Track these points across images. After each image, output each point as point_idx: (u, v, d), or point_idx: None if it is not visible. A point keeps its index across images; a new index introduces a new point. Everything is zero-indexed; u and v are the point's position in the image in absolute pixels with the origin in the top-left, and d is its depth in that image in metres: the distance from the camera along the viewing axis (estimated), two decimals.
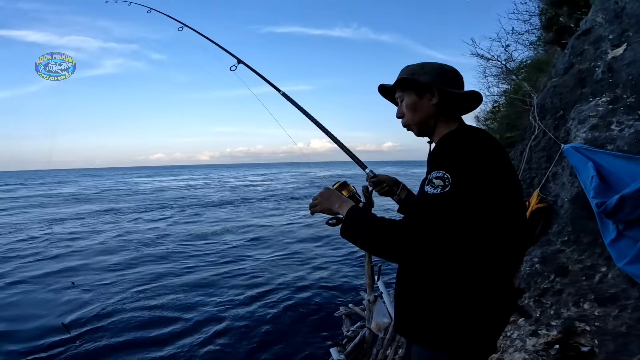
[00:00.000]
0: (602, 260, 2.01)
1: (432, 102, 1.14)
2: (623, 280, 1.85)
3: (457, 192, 0.94)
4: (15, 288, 7.07)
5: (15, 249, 10.11)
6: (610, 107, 2.30)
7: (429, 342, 1.12)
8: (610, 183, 1.87)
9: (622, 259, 1.75)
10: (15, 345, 4.87)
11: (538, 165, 2.93)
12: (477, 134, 1.09)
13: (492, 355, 2.35)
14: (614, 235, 1.82)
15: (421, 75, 1.15)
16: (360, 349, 3.42)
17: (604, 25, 2.71)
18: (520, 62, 7.81)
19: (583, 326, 2.00)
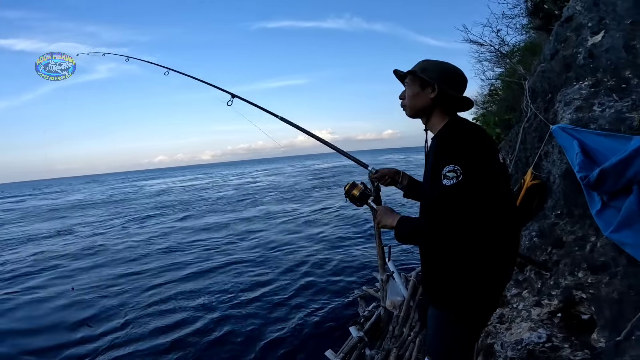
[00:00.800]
0: (592, 230, 2.21)
1: (430, 96, 1.41)
2: (611, 248, 2.05)
3: (467, 180, 1.21)
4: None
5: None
6: (593, 90, 2.50)
7: (438, 304, 1.49)
8: (594, 158, 2.09)
9: (608, 227, 1.96)
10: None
11: (532, 145, 3.14)
12: (470, 128, 1.36)
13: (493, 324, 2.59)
14: (599, 206, 2.04)
15: (430, 72, 1.41)
16: (377, 327, 3.67)
17: (583, 13, 2.90)
18: (513, 46, 7.92)
19: (580, 294, 2.20)
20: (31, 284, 7.89)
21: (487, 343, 2.57)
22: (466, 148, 1.26)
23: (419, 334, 3.18)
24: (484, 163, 1.26)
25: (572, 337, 2.16)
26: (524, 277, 2.72)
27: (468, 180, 1.20)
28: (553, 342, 2.20)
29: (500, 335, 2.53)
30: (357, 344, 3.34)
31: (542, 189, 2.72)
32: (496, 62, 8.58)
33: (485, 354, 2.52)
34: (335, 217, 13.23)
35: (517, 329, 2.48)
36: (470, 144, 1.28)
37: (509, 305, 2.72)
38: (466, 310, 1.42)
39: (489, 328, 2.66)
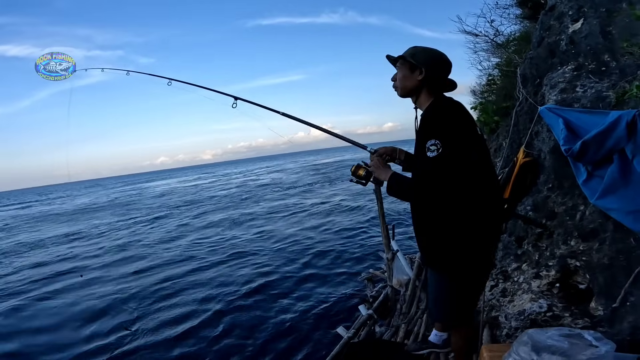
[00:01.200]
0: (580, 200, 2.38)
1: (418, 78, 1.62)
2: (599, 215, 2.20)
3: (445, 151, 1.44)
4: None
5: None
6: (575, 73, 2.70)
7: (436, 267, 1.76)
8: (577, 133, 2.26)
9: (593, 195, 2.12)
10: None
11: (524, 126, 3.33)
12: (451, 106, 1.60)
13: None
14: (585, 176, 2.22)
15: (418, 57, 1.62)
16: (385, 305, 3.87)
17: (564, 2, 3.12)
18: (508, 36, 7.98)
19: (574, 262, 2.32)
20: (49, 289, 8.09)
21: (492, 316, 2.72)
22: (446, 124, 1.49)
23: (425, 311, 3.37)
24: (461, 136, 1.49)
25: (572, 307, 2.26)
26: (522, 250, 2.88)
27: (446, 151, 1.44)
28: (554, 311, 2.32)
29: (504, 308, 2.68)
30: (366, 321, 3.55)
31: (534, 166, 2.91)
32: (492, 52, 8.63)
33: (490, 326, 2.67)
34: (339, 208, 13.47)
35: (519, 300, 2.62)
36: (450, 120, 1.51)
37: (510, 279, 2.87)
38: (459, 268, 1.65)
39: (493, 302, 2.82)
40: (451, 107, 1.58)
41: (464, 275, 1.69)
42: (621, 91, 2.24)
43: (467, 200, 1.53)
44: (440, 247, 1.67)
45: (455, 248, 1.62)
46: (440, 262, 1.72)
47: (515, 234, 3.00)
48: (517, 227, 2.99)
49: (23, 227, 20.97)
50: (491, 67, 8.66)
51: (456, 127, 1.50)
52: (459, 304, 1.79)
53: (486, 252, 1.67)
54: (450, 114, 1.54)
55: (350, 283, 5.75)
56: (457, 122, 1.52)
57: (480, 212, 1.58)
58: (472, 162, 1.52)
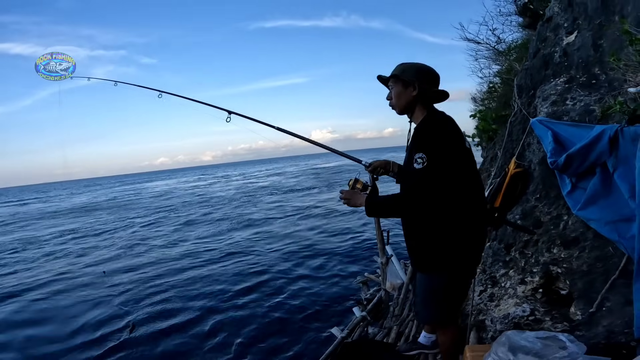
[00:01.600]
0: (564, 210, 2.47)
1: (412, 94, 1.71)
2: (580, 224, 2.29)
3: (430, 165, 1.54)
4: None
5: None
6: (567, 86, 2.78)
7: (424, 269, 1.85)
8: (564, 145, 2.35)
9: (576, 206, 2.23)
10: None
11: (517, 137, 3.41)
12: (441, 120, 1.69)
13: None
14: (569, 187, 2.32)
15: (408, 73, 1.72)
16: (378, 307, 3.95)
17: (560, 14, 3.18)
18: (510, 43, 8.02)
19: (556, 269, 2.41)
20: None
21: (479, 319, 2.79)
22: (434, 138, 1.60)
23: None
24: (448, 150, 1.59)
25: (553, 311, 2.34)
26: (510, 257, 2.96)
27: (431, 165, 1.54)
28: (536, 315, 2.40)
29: (491, 312, 2.76)
30: (360, 322, 3.63)
31: (524, 176, 2.99)
32: (493, 60, 8.65)
33: (477, 329, 2.75)
34: (336, 212, 13.54)
35: (505, 305, 2.69)
36: (438, 134, 1.61)
37: (498, 285, 2.96)
38: (445, 269, 1.77)
39: (481, 306, 2.91)
40: (441, 122, 1.67)
41: (450, 276, 1.80)
42: (606, 106, 2.32)
43: (452, 207, 1.64)
44: (428, 250, 1.78)
45: (441, 251, 1.74)
46: (428, 264, 1.82)
47: (505, 241, 3.07)
48: (506, 235, 3.06)
49: (33, 223, 21.05)
50: (492, 75, 8.67)
51: (444, 141, 1.59)
52: (445, 304, 1.89)
53: (470, 254, 1.78)
54: (440, 129, 1.63)
55: (346, 285, 5.84)
56: (445, 136, 1.61)
57: (465, 218, 1.70)
58: (458, 174, 1.61)
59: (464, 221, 1.69)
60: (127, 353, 4.60)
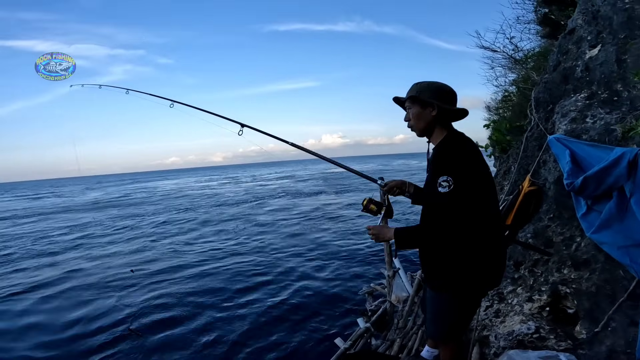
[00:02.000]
0: (578, 231, 2.41)
1: (432, 114, 1.66)
2: (593, 247, 2.25)
3: (457, 188, 1.49)
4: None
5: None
6: (587, 102, 2.69)
7: (439, 288, 1.79)
8: (581, 166, 2.28)
9: (590, 228, 2.17)
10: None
11: (532, 153, 3.33)
12: (463, 141, 1.64)
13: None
14: (584, 209, 2.25)
15: (426, 93, 1.66)
16: (382, 319, 3.90)
17: (583, 26, 3.08)
18: (527, 52, 7.86)
19: (565, 289, 2.39)
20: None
21: (483, 335, 2.77)
22: (458, 160, 1.55)
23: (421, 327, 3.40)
24: (472, 172, 1.54)
25: (558, 329, 2.34)
26: (519, 275, 2.91)
27: (458, 188, 1.49)
28: (540, 333, 2.39)
29: (495, 328, 2.73)
30: (363, 333, 3.59)
31: (538, 195, 2.91)
32: (510, 68, 8.49)
33: (480, 345, 2.71)
34: (344, 219, 13.50)
35: (510, 321, 2.67)
36: (462, 156, 1.56)
37: (504, 301, 2.92)
38: (459, 289, 1.71)
39: (486, 322, 2.86)
40: (462, 143, 1.63)
41: (463, 299, 1.76)
42: (628, 126, 2.24)
43: (473, 229, 1.58)
44: (445, 271, 1.72)
45: (458, 273, 1.68)
46: (443, 284, 1.77)
47: (514, 258, 3.01)
48: (516, 252, 3.01)
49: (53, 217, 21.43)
50: (508, 84, 8.51)
51: (467, 162, 1.55)
52: (454, 322, 1.85)
53: (487, 278, 1.72)
54: (462, 150, 1.59)
55: (350, 293, 5.78)
56: (468, 157, 1.57)
57: (485, 241, 1.64)
58: (480, 196, 1.56)
59: (483, 244, 1.64)
60: (125, 351, 4.63)
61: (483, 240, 1.63)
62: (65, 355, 4.76)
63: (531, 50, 7.75)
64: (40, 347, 5.06)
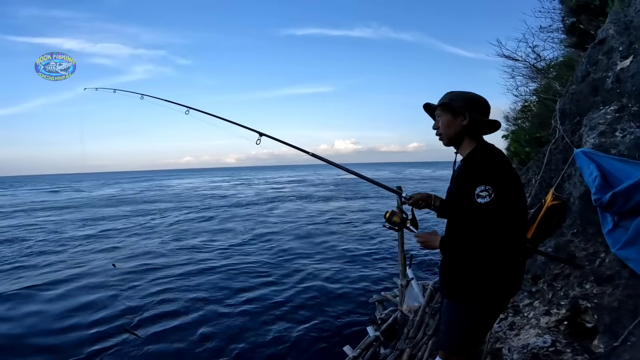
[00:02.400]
0: (602, 247, 2.35)
1: (462, 123, 1.61)
2: (617, 263, 2.19)
3: (497, 198, 1.45)
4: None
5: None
6: (617, 115, 2.61)
7: (456, 298, 1.72)
8: (610, 182, 2.22)
9: (615, 245, 2.11)
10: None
11: (556, 166, 3.25)
12: (495, 152, 1.60)
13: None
14: (610, 225, 2.18)
15: (458, 101, 1.62)
16: (392, 329, 3.84)
17: (615, 37, 2.99)
18: (550, 61, 7.68)
19: (585, 304, 2.33)
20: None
21: (495, 347, 2.71)
22: (495, 170, 1.51)
23: (431, 337, 3.33)
24: (509, 183, 1.50)
25: (575, 343, 2.28)
26: (537, 288, 2.85)
27: (498, 198, 1.45)
28: (557, 346, 2.33)
29: (509, 341, 2.67)
30: (373, 342, 3.54)
31: (561, 209, 2.83)
32: (531, 78, 8.31)
33: (493, 357, 2.65)
34: (354, 221, 13.41)
35: (525, 334, 2.61)
36: (498, 166, 1.52)
37: (520, 314, 2.85)
38: (479, 302, 1.66)
39: (499, 334, 2.79)
40: (495, 154, 1.59)
41: (480, 312, 1.69)
42: None
43: (500, 241, 1.53)
44: (466, 279, 1.67)
45: (478, 286, 1.63)
46: (461, 295, 1.71)
47: (532, 272, 2.96)
48: (534, 266, 2.94)
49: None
50: (528, 93, 8.34)
51: (504, 173, 1.51)
52: (468, 334, 1.79)
53: (506, 291, 1.67)
54: (497, 160, 1.55)
55: (362, 302, 5.71)
56: (503, 168, 1.53)
57: (508, 253, 1.58)
58: (515, 207, 1.52)
59: (507, 256, 1.58)
60: (123, 349, 4.62)
61: (504, 254, 1.57)
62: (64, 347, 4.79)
63: (554, 60, 7.57)
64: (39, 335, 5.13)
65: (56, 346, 4.83)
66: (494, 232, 1.48)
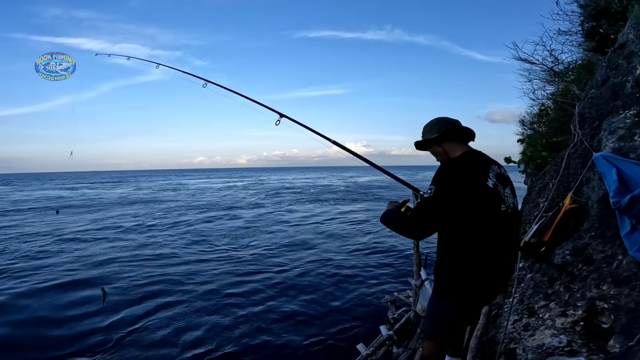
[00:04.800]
0: (620, 250, 2.37)
1: (438, 149, 2.03)
2: (634, 265, 2.22)
3: (436, 197, 1.78)
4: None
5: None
6: (636, 119, 2.62)
7: (435, 290, 2.07)
8: (628, 185, 2.24)
9: (633, 247, 2.15)
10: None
11: (575, 170, 3.25)
12: (460, 162, 1.90)
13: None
14: (628, 228, 2.21)
15: (429, 132, 2.04)
16: (405, 328, 3.88)
17: (635, 41, 2.99)
18: (568, 64, 7.56)
19: (602, 305, 2.36)
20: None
21: (510, 347, 2.73)
22: (444, 176, 1.83)
23: None
24: (459, 187, 1.78)
25: (591, 343, 2.30)
26: (553, 290, 2.86)
27: (437, 197, 1.78)
28: (572, 347, 2.35)
29: (524, 341, 2.70)
30: (386, 341, 3.58)
31: (579, 213, 2.84)
32: (548, 81, 8.19)
33: (507, 357, 2.68)
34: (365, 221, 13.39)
35: (540, 335, 2.64)
36: (449, 174, 1.83)
37: (534, 315, 2.87)
38: (450, 296, 1.98)
39: (514, 334, 2.81)
40: (458, 163, 1.90)
41: (453, 304, 1.99)
42: None
43: (464, 240, 1.85)
44: (440, 276, 2.01)
45: (450, 280, 1.95)
46: (438, 287, 2.03)
47: (549, 274, 2.97)
48: (550, 269, 2.94)
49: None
50: (545, 97, 8.22)
51: (455, 179, 1.80)
52: (438, 322, 2.12)
53: (477, 287, 1.94)
54: (453, 169, 1.86)
55: (374, 302, 5.75)
56: (457, 175, 1.82)
57: (477, 253, 1.86)
58: (470, 210, 1.79)
59: (475, 255, 1.85)
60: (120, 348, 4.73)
61: (472, 253, 1.85)
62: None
63: (572, 63, 7.45)
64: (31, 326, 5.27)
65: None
66: (421, 222, 1.80)
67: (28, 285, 7.04)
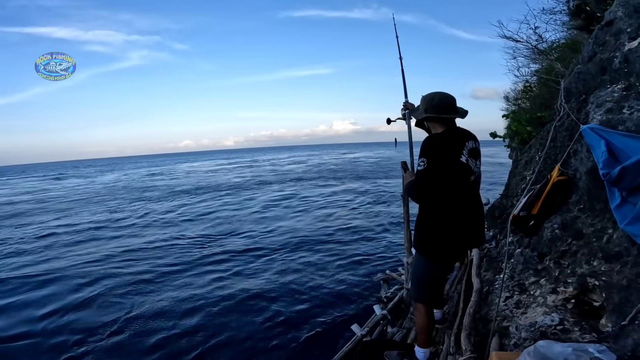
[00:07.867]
0: (610, 223, 2.37)
1: (428, 125, 2.50)
2: (625, 239, 2.21)
3: (429, 168, 2.18)
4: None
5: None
6: (624, 93, 2.62)
7: (417, 250, 2.53)
8: (618, 157, 2.24)
9: (623, 220, 2.13)
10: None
11: (562, 143, 3.27)
12: (439, 138, 2.28)
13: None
14: (618, 200, 2.21)
15: (419, 110, 2.48)
16: (399, 307, 3.91)
17: (623, 19, 2.99)
18: (552, 42, 7.67)
19: (593, 282, 2.37)
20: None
21: (502, 325, 2.76)
22: (430, 149, 2.20)
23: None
24: (441, 159, 2.18)
25: (583, 322, 2.32)
26: (543, 266, 2.88)
27: (429, 168, 2.18)
28: (564, 325, 2.37)
29: (516, 319, 2.72)
30: (380, 320, 3.61)
31: (567, 185, 2.86)
32: (532, 59, 8.31)
33: (500, 335, 2.71)
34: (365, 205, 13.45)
35: (532, 313, 2.66)
36: (433, 148, 2.20)
37: (526, 292, 2.91)
38: (429, 253, 2.45)
39: (506, 312, 2.85)
40: (438, 141, 2.25)
41: (426, 262, 2.49)
42: None
43: (438, 205, 2.29)
44: (421, 236, 2.44)
45: (429, 238, 2.39)
46: (419, 247, 2.46)
47: (538, 249, 2.99)
48: (540, 244, 2.97)
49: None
50: (530, 74, 8.35)
51: (438, 152, 2.19)
52: (424, 282, 2.56)
53: (450, 246, 2.41)
54: (435, 144, 2.23)
55: (367, 281, 5.81)
56: (440, 149, 2.21)
57: (450, 215, 2.30)
58: (447, 177, 2.20)
59: (452, 220, 2.30)
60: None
61: (449, 214, 2.29)
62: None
63: (556, 42, 7.56)
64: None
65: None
66: (423, 190, 2.21)
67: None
